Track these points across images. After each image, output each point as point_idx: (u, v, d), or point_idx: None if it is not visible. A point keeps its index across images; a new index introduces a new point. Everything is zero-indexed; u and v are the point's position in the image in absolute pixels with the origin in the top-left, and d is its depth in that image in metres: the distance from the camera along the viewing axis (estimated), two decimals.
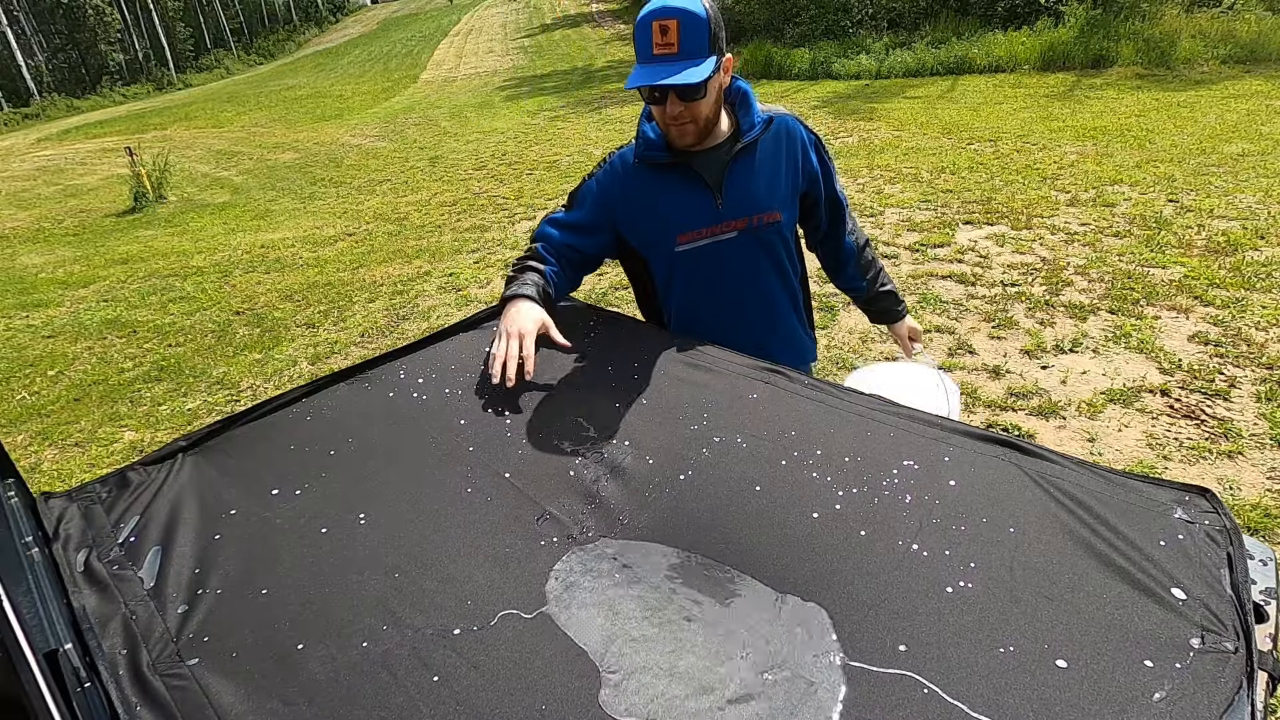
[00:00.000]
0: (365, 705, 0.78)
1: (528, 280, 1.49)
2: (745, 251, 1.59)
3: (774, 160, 1.56)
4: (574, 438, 1.22)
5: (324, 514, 1.08)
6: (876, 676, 0.77)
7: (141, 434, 3.86)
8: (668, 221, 1.57)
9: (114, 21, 41.67)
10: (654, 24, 1.34)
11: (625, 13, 27.54)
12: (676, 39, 1.33)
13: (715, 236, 1.56)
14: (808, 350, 1.79)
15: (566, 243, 1.61)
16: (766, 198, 1.56)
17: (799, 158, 1.58)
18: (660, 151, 1.53)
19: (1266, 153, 6.14)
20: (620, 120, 11.80)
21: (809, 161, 1.60)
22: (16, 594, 0.73)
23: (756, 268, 1.62)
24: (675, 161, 1.53)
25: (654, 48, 1.35)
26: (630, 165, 1.58)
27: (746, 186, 1.54)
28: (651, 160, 1.54)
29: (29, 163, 16.51)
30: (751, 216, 1.55)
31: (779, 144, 1.56)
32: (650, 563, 0.96)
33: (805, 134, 1.60)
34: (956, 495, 1.00)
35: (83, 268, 7.43)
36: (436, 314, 5.01)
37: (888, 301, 1.86)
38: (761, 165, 1.55)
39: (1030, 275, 4.42)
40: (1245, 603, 0.80)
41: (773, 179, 1.56)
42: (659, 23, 1.33)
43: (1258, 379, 3.15)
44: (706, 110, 1.44)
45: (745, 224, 1.56)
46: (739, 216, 1.55)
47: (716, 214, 1.54)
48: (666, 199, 1.56)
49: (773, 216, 1.57)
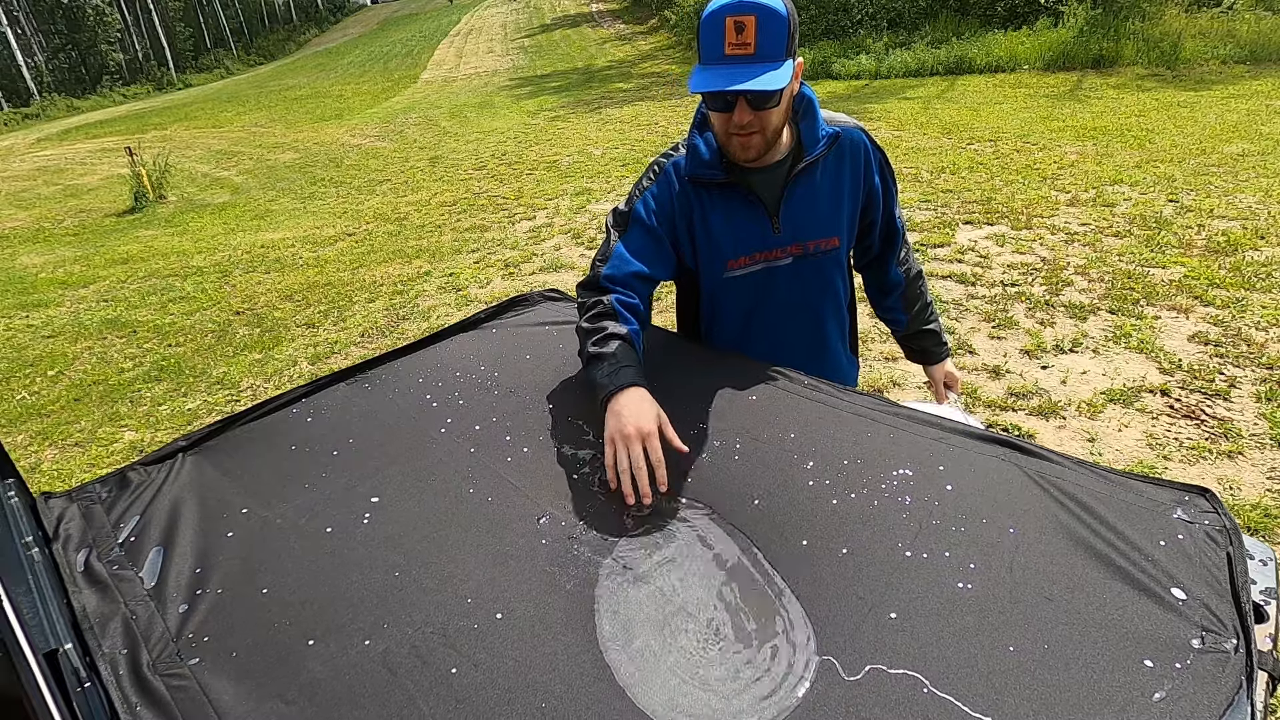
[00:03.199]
0: (365, 704, 0.78)
1: (622, 358, 1.22)
2: (798, 278, 1.46)
3: (836, 180, 1.42)
4: (574, 438, 1.22)
5: (324, 513, 1.08)
6: (877, 676, 0.77)
7: (141, 434, 3.86)
8: (719, 246, 1.42)
9: (114, 21, 41.67)
10: (728, 20, 1.17)
11: (625, 13, 27.55)
12: (753, 38, 1.17)
13: (769, 262, 1.44)
14: (849, 377, 1.68)
15: (636, 273, 1.36)
16: (827, 222, 1.43)
17: (862, 176, 1.44)
18: (715, 170, 1.37)
19: (1266, 153, 6.14)
20: (620, 120, 11.80)
21: (871, 180, 1.46)
22: (16, 594, 0.73)
23: (808, 295, 1.50)
24: (730, 181, 1.37)
25: (726, 47, 1.18)
26: (683, 181, 1.40)
27: (807, 210, 1.40)
28: (703, 179, 1.38)
29: (29, 163, 16.51)
30: (808, 242, 1.43)
31: (843, 161, 1.41)
32: (651, 562, 0.96)
33: (871, 149, 1.45)
34: (956, 496, 1.00)
35: (83, 268, 7.43)
36: (436, 314, 5.01)
37: (928, 341, 1.69)
38: (824, 186, 1.40)
39: (1030, 275, 4.42)
40: (1245, 603, 0.80)
41: (834, 201, 1.42)
42: (734, 19, 1.16)
43: (1258, 379, 3.15)
44: (777, 120, 1.28)
45: (801, 250, 1.43)
46: (796, 242, 1.42)
47: (772, 239, 1.41)
48: (718, 222, 1.41)
49: (831, 242, 1.44)
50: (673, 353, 1.47)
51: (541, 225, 6.76)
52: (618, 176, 8.12)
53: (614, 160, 8.94)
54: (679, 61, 17.52)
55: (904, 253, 1.62)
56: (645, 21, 24.45)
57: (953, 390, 1.74)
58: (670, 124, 10.86)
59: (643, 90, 14.65)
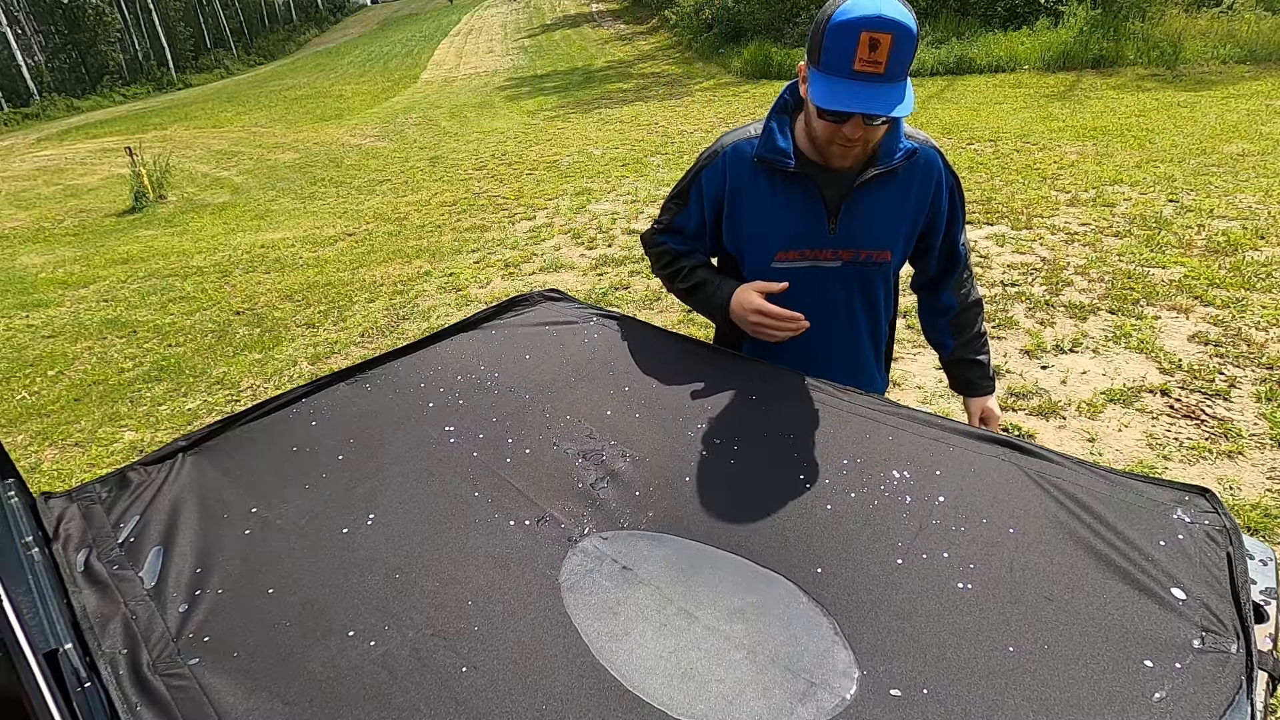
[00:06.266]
0: (365, 705, 0.78)
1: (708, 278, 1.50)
2: (844, 284, 1.45)
3: (904, 194, 1.40)
4: (574, 439, 1.22)
5: (324, 514, 1.08)
6: (877, 676, 0.77)
7: (141, 434, 3.86)
8: (772, 232, 1.43)
9: (114, 21, 41.64)
10: (864, 35, 1.12)
11: (625, 13, 27.54)
12: (886, 57, 1.13)
13: (817, 261, 1.43)
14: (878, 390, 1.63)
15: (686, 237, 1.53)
16: (884, 234, 1.41)
17: (929, 196, 1.42)
18: (786, 158, 1.36)
19: (1266, 153, 6.14)
20: (620, 120, 11.79)
21: (939, 202, 1.43)
22: (16, 594, 0.73)
23: (851, 303, 1.48)
24: (798, 171, 1.37)
25: (856, 62, 1.14)
26: (747, 160, 1.41)
27: (868, 217, 1.39)
28: (773, 164, 1.38)
29: (29, 163, 16.50)
30: (861, 250, 1.42)
31: (913, 177, 1.39)
32: (651, 563, 0.96)
33: (945, 172, 1.43)
34: (956, 496, 1.00)
35: (83, 268, 7.43)
36: (436, 314, 5.01)
37: (973, 372, 1.61)
38: (890, 198, 1.39)
39: (1030, 275, 4.42)
40: (1245, 603, 0.80)
41: (897, 215, 1.41)
42: (870, 35, 1.11)
43: (1258, 379, 3.15)
44: (880, 135, 1.29)
45: (852, 256, 1.42)
46: (849, 247, 1.41)
47: (827, 239, 1.40)
48: (777, 208, 1.41)
49: (883, 255, 1.43)
50: (673, 353, 1.47)
51: (541, 225, 6.76)
52: (617, 176, 8.12)
53: (614, 160, 8.94)
54: (679, 62, 17.52)
55: (963, 279, 1.56)
56: (645, 21, 24.44)
57: (990, 426, 1.63)
58: (670, 124, 10.85)
59: (643, 90, 14.65)
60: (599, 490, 1.10)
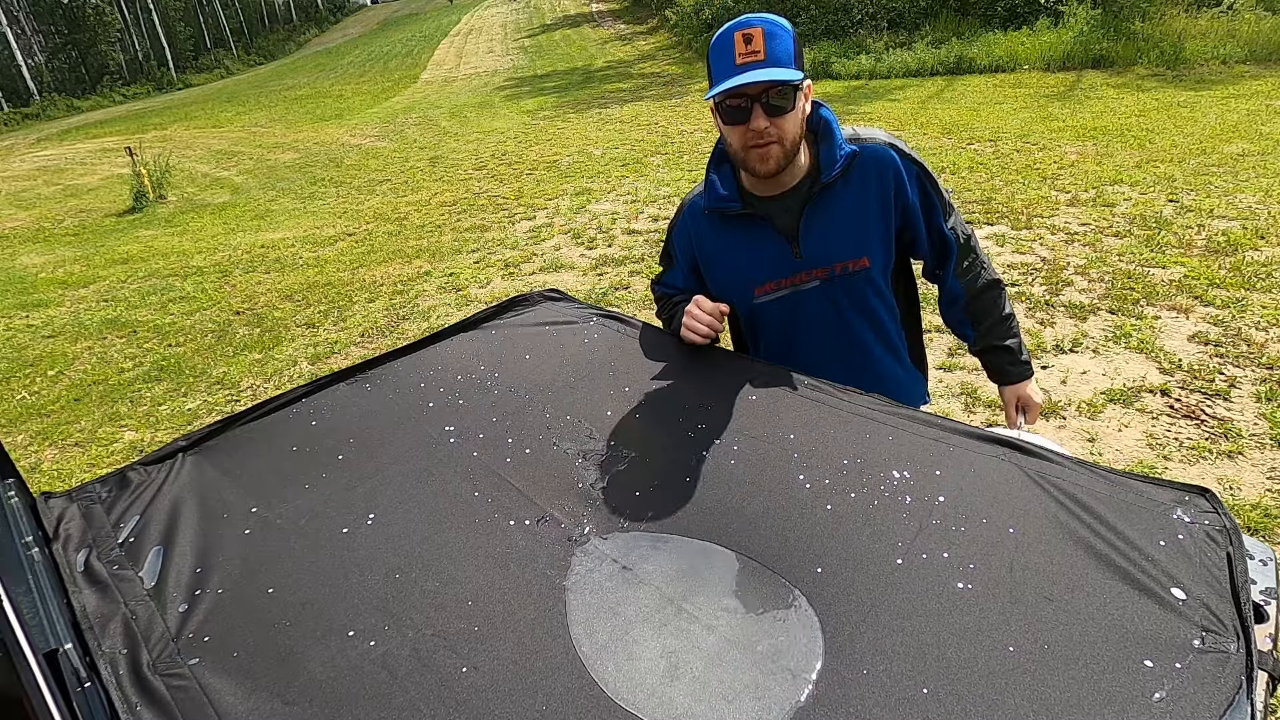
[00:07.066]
0: (365, 705, 0.78)
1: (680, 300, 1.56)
2: (830, 300, 1.46)
3: (861, 199, 1.39)
4: (574, 439, 1.22)
5: (324, 514, 1.08)
6: (877, 677, 0.77)
7: (141, 434, 3.86)
8: (742, 274, 1.47)
9: (114, 21, 41.64)
10: (736, 34, 1.24)
11: (625, 13, 27.55)
12: (762, 45, 1.22)
13: (796, 286, 1.45)
14: (909, 390, 1.60)
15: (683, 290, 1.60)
16: (853, 244, 1.41)
17: (892, 193, 1.40)
18: (731, 201, 1.42)
19: (1266, 153, 6.14)
20: (620, 120, 11.79)
21: (904, 196, 1.41)
22: (16, 594, 0.73)
23: (842, 316, 1.48)
24: (748, 212, 1.42)
25: (736, 58, 1.23)
26: (701, 214, 1.49)
27: (827, 233, 1.40)
28: (722, 211, 1.44)
29: (29, 163, 16.50)
30: (835, 264, 1.42)
31: (866, 180, 1.39)
32: (651, 563, 0.96)
33: (902, 165, 1.40)
34: (956, 496, 1.00)
35: (83, 268, 7.43)
36: (436, 314, 5.01)
37: (1002, 358, 1.56)
38: (845, 206, 1.39)
39: (1030, 275, 4.42)
40: (1245, 603, 0.80)
41: (860, 221, 1.40)
42: (741, 32, 1.23)
43: (1258, 379, 3.15)
44: (793, 129, 1.30)
45: (827, 273, 1.43)
46: (821, 265, 1.43)
47: (795, 264, 1.43)
48: (740, 251, 1.46)
49: (859, 263, 1.42)
50: (673, 353, 1.47)
51: (541, 225, 6.76)
52: (617, 176, 8.12)
53: (614, 160, 8.94)
54: (679, 62, 17.52)
55: (967, 263, 1.52)
56: (645, 21, 24.45)
57: (1026, 415, 1.56)
58: (670, 124, 10.86)
59: (642, 90, 14.66)
60: (599, 490, 1.10)
